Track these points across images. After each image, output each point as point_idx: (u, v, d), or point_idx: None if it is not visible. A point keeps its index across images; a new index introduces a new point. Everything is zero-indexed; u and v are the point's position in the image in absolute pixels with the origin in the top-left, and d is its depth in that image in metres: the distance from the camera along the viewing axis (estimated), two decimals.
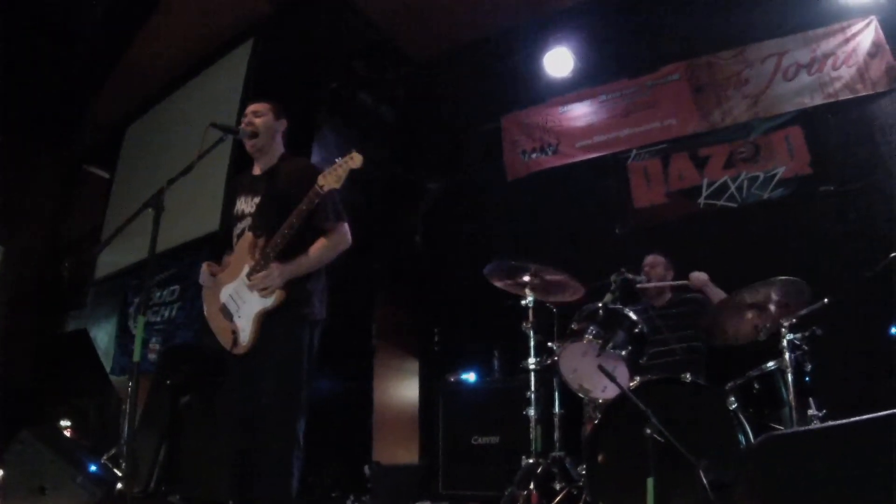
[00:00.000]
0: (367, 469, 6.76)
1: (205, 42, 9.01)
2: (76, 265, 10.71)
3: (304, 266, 3.90)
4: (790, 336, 4.40)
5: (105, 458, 5.68)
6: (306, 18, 7.89)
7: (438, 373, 7.60)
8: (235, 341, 3.89)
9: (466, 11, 8.13)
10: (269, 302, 3.81)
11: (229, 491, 3.77)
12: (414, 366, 8.45)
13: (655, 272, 5.95)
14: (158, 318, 8.30)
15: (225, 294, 4.04)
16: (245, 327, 3.87)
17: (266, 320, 3.83)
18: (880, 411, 2.68)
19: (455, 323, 8.32)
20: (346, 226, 4.06)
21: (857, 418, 2.70)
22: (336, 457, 6.72)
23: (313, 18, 7.85)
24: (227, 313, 3.98)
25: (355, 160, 3.67)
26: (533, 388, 5.24)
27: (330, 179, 3.67)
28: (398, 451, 7.65)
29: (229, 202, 4.39)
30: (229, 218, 4.31)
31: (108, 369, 8.60)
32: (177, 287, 8.22)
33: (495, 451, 6.20)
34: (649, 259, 6.03)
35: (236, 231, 4.14)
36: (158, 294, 8.38)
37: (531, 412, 5.20)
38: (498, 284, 5.64)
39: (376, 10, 8.13)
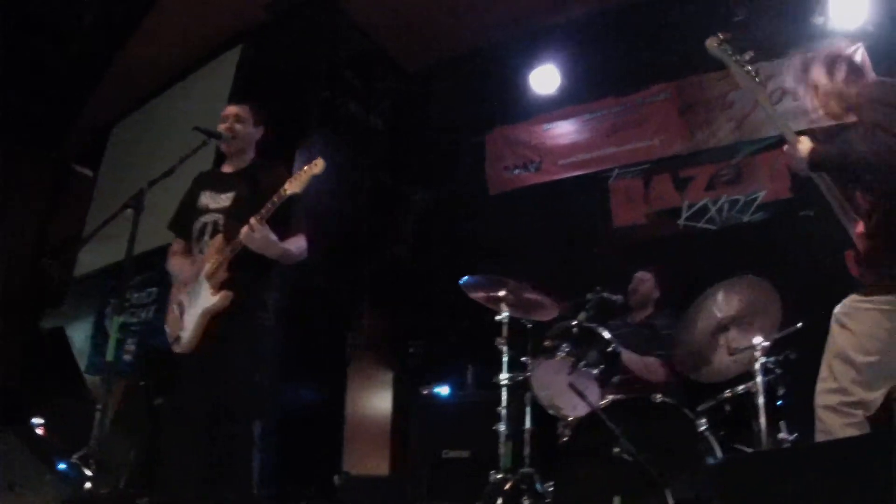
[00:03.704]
0: (336, 479, 6.73)
1: (196, 46, 9.02)
2: (56, 263, 10.64)
3: (282, 248, 3.86)
4: (763, 359, 4.41)
5: (75, 456, 5.63)
6: (299, 27, 7.91)
7: (412, 385, 7.57)
8: (178, 339, 3.87)
9: (457, 24, 8.21)
10: (212, 301, 3.78)
11: (196, 494, 3.74)
12: (388, 377, 8.40)
13: (644, 287, 6.03)
14: (135, 320, 8.26)
15: (184, 291, 4.02)
16: (188, 326, 3.85)
17: (220, 322, 3.80)
18: None
19: (432, 335, 8.26)
20: (304, 239, 4.05)
21: (822, 441, 2.71)
22: (306, 465, 6.68)
23: (306, 27, 7.87)
24: (181, 309, 3.96)
25: (318, 166, 3.68)
26: (504, 404, 5.23)
27: (294, 185, 3.67)
28: (369, 462, 7.60)
29: (189, 196, 4.32)
30: (185, 210, 4.26)
31: (82, 368, 8.55)
32: (154, 289, 8.17)
33: (465, 465, 6.11)
34: (638, 275, 6.11)
35: (197, 225, 4.09)
36: (136, 295, 8.33)
37: (501, 427, 5.20)
38: (474, 297, 5.64)
39: (369, 21, 8.20)
